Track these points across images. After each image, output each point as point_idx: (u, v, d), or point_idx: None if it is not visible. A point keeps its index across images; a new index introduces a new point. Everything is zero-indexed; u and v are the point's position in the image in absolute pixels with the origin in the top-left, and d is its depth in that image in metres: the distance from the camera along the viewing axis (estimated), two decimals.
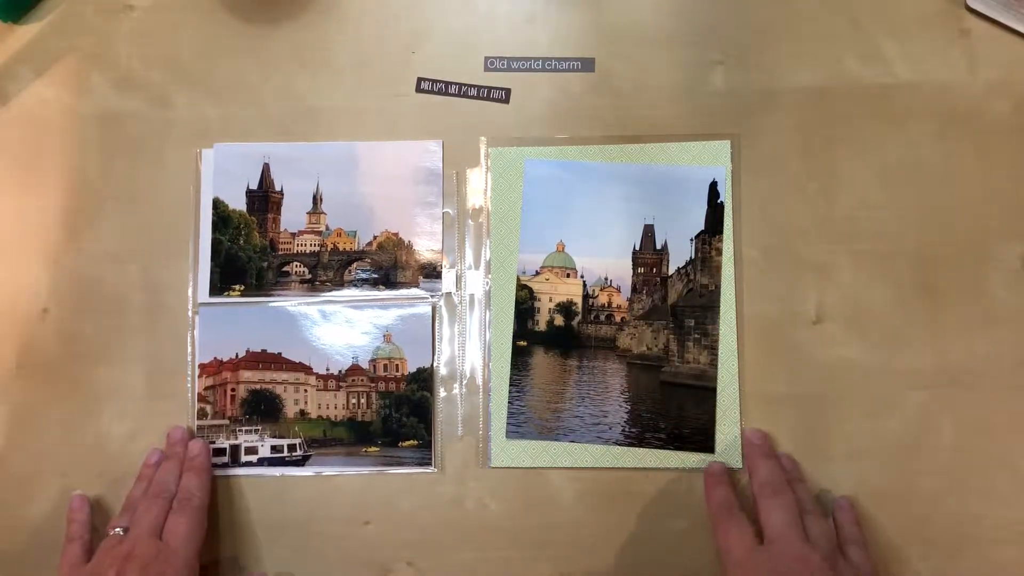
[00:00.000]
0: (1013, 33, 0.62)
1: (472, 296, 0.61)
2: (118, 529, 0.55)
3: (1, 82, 0.65)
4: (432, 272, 0.62)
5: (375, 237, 0.63)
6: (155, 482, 0.57)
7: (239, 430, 0.60)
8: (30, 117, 0.65)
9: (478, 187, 0.62)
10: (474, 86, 0.64)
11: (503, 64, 0.64)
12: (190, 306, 0.62)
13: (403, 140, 0.63)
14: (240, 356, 0.61)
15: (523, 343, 0.61)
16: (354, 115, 0.63)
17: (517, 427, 0.59)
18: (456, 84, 0.64)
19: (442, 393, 0.60)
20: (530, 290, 0.62)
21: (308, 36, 0.65)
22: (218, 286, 0.62)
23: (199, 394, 0.61)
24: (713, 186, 0.61)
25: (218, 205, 0.63)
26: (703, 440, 0.58)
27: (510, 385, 0.60)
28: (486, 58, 0.64)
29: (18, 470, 0.61)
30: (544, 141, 0.63)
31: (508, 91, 0.63)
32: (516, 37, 0.64)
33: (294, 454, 0.60)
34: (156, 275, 0.62)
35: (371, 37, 0.65)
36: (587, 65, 0.64)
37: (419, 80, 0.64)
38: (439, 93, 0.64)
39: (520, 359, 0.60)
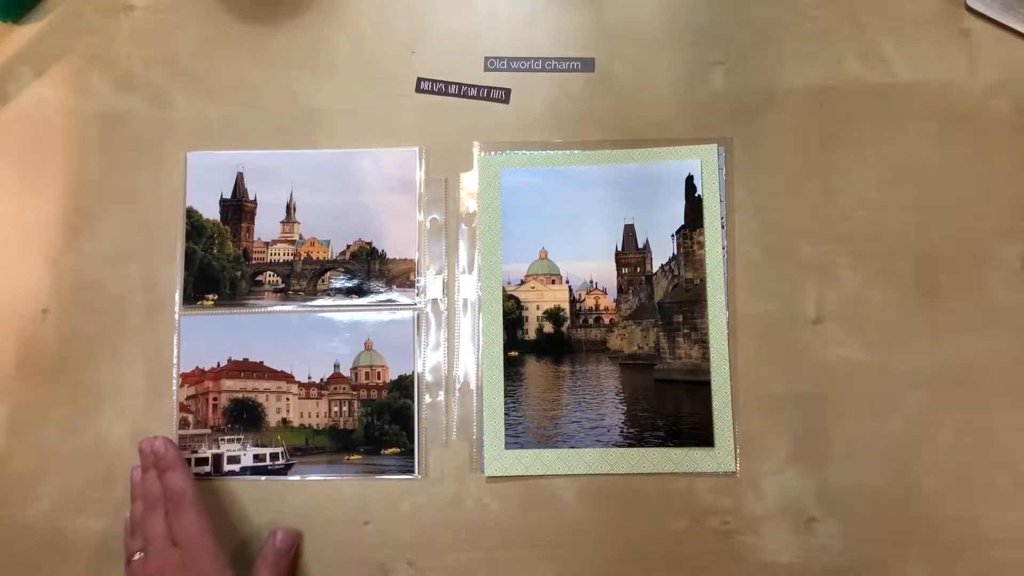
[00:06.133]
0: (1013, 33, 0.62)
1: (465, 300, 0.61)
2: (139, 554, 0.54)
3: (1, 82, 0.65)
4: (405, 282, 0.61)
5: (348, 247, 0.62)
6: (144, 496, 0.56)
7: (221, 439, 0.60)
8: (30, 117, 0.65)
9: (473, 190, 0.62)
10: (474, 86, 0.64)
11: (503, 64, 0.64)
12: (176, 309, 0.62)
13: (401, 139, 0.63)
14: (222, 365, 0.61)
15: (514, 353, 0.60)
16: (353, 115, 0.63)
17: (516, 438, 0.59)
18: (456, 84, 0.64)
19: (438, 398, 0.60)
20: (517, 300, 0.61)
21: (308, 36, 0.65)
22: (192, 295, 0.62)
23: (181, 404, 0.60)
24: (689, 180, 0.61)
25: (192, 214, 0.63)
26: (701, 434, 0.58)
27: (505, 396, 0.60)
28: (486, 58, 0.64)
29: (18, 470, 0.61)
30: (543, 145, 0.62)
31: (508, 91, 0.63)
32: (516, 37, 0.64)
33: (276, 463, 0.60)
34: (155, 275, 0.62)
35: (371, 37, 0.65)
36: (587, 65, 0.63)
37: (419, 80, 0.64)
38: (439, 93, 0.64)
39: (513, 369, 0.60)
